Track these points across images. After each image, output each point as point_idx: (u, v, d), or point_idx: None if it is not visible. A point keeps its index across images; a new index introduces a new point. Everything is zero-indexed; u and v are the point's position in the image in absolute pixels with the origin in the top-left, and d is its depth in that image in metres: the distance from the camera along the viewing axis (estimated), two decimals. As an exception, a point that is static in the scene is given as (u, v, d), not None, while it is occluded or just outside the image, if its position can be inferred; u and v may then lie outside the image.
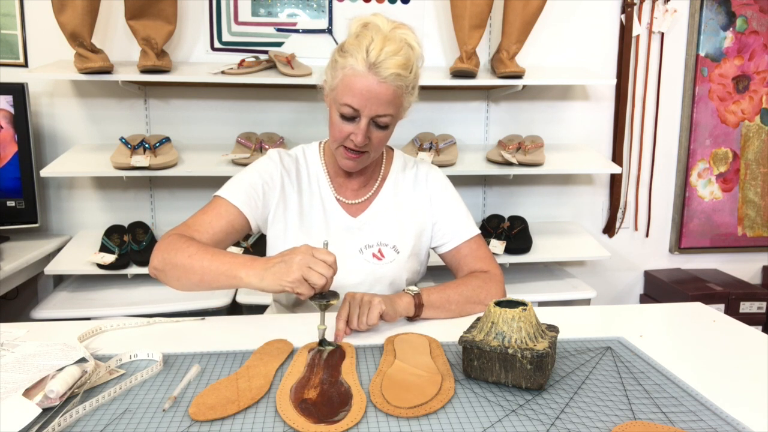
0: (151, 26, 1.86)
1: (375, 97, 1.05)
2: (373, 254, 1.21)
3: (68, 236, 2.08)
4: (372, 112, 1.06)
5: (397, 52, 1.04)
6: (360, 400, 0.77)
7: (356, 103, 1.05)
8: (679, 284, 2.30)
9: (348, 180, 1.25)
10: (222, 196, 1.15)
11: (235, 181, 1.18)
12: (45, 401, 0.75)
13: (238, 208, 1.13)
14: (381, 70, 1.03)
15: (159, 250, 1.04)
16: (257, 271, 0.93)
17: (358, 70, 1.04)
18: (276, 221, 1.20)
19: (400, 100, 1.09)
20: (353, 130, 1.08)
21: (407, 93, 1.11)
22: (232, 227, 1.13)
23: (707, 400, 0.78)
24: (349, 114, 1.07)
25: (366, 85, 1.04)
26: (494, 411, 0.76)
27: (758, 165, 2.47)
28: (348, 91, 1.06)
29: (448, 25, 2.11)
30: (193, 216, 1.14)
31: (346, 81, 1.06)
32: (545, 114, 2.33)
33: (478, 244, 1.26)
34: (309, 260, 0.90)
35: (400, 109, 1.12)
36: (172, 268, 1.01)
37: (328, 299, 0.93)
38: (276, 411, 0.75)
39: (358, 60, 1.04)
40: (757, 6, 2.35)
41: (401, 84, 1.06)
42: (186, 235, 1.07)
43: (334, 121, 1.11)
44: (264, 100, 2.16)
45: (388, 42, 1.04)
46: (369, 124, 1.08)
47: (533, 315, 0.85)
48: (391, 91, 1.05)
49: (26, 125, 1.88)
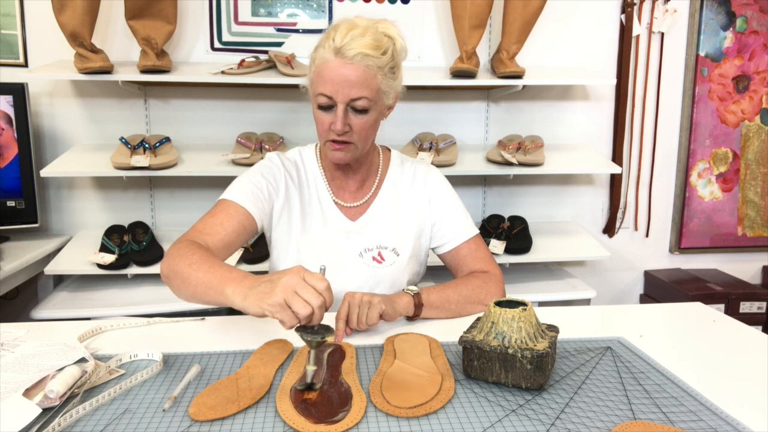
0: (151, 26, 1.86)
1: (344, 80, 1.05)
2: (372, 258, 1.21)
3: (68, 236, 2.08)
4: (345, 96, 1.06)
5: (363, 34, 1.05)
6: (360, 400, 0.77)
7: (328, 89, 1.06)
8: (679, 284, 2.30)
9: (345, 181, 1.24)
10: (228, 198, 1.13)
11: (239, 184, 1.17)
12: (45, 401, 0.75)
13: (245, 208, 1.12)
14: (347, 51, 1.04)
15: (167, 256, 1.01)
16: (243, 289, 0.84)
17: (326, 58, 1.06)
18: (280, 223, 1.20)
19: (373, 81, 1.08)
20: (332, 119, 1.09)
21: (383, 75, 1.09)
22: (243, 227, 1.11)
23: (707, 400, 0.78)
24: (325, 103, 1.08)
25: (334, 70, 1.05)
26: (494, 411, 0.76)
27: (758, 165, 2.47)
28: (320, 80, 1.07)
29: (448, 25, 2.11)
30: (201, 220, 1.10)
31: (317, 71, 1.08)
32: (545, 114, 2.33)
33: (478, 244, 1.26)
34: (296, 284, 0.79)
35: (378, 92, 1.10)
36: (174, 276, 0.97)
37: (321, 336, 0.77)
38: (276, 411, 0.75)
39: (326, 48, 1.06)
40: (757, 6, 2.35)
41: (371, 64, 1.06)
42: (197, 240, 1.03)
43: (316, 116, 1.12)
44: (264, 100, 2.16)
45: (355, 28, 1.06)
46: (346, 110, 1.08)
47: (533, 315, 0.85)
48: (360, 71, 1.05)
49: (26, 125, 1.88)
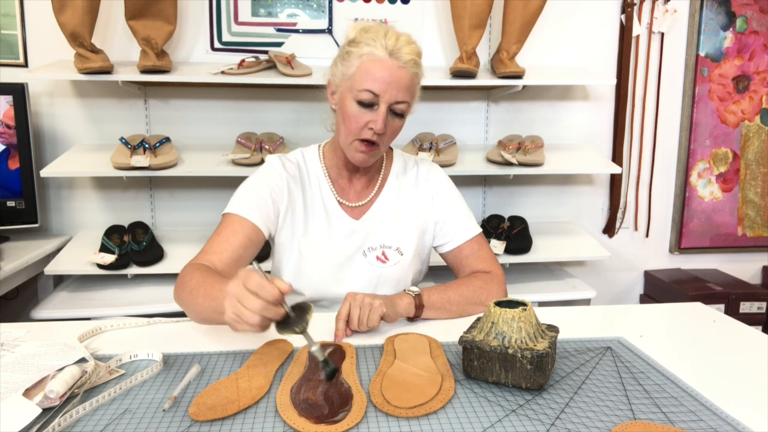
0: (151, 26, 1.86)
1: (396, 82, 1.06)
2: (376, 257, 1.21)
3: (68, 236, 2.08)
4: (392, 97, 1.07)
5: (411, 42, 1.09)
6: (360, 400, 0.77)
7: (377, 87, 1.06)
8: (679, 284, 2.30)
9: (350, 182, 1.24)
10: (232, 212, 1.12)
11: (241, 195, 1.15)
12: (45, 401, 0.75)
13: (250, 221, 1.11)
14: (401, 55, 1.06)
15: (175, 286, 1.03)
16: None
17: (378, 56, 1.06)
18: (284, 227, 1.19)
19: (415, 89, 1.12)
20: (372, 118, 1.08)
21: (418, 84, 1.13)
22: (250, 241, 1.10)
23: (707, 400, 0.78)
24: (369, 100, 1.07)
25: (387, 70, 1.06)
26: (494, 411, 0.76)
27: (758, 165, 2.47)
28: (368, 77, 1.06)
29: (448, 25, 2.11)
30: (208, 240, 1.11)
31: (365, 67, 1.06)
32: (545, 114, 2.33)
33: (480, 243, 1.26)
34: (238, 294, 0.77)
35: (413, 99, 1.13)
36: (182, 304, 1.01)
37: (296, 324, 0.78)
38: (276, 411, 0.75)
39: (377, 47, 1.06)
40: (757, 6, 2.35)
41: (417, 72, 1.10)
42: (203, 262, 1.04)
43: (350, 112, 1.09)
44: (264, 100, 2.16)
45: (402, 36, 1.08)
46: (387, 111, 1.09)
47: (533, 315, 0.85)
48: (409, 77, 1.08)
49: (26, 125, 1.88)
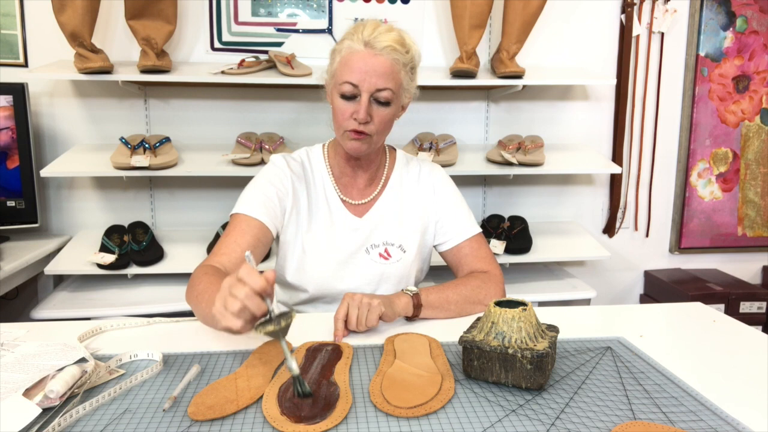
0: (151, 26, 1.86)
1: (372, 70, 1.08)
2: (379, 254, 1.22)
3: (68, 236, 2.08)
4: (371, 85, 1.09)
5: (390, 30, 1.11)
6: (345, 401, 0.76)
7: (354, 78, 1.08)
8: (679, 284, 2.30)
9: (353, 180, 1.25)
10: (239, 212, 1.13)
11: (248, 195, 1.17)
12: (45, 401, 0.75)
13: (259, 220, 1.12)
14: (376, 43, 1.08)
15: (186, 287, 1.04)
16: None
17: (355, 49, 1.09)
18: (289, 225, 1.21)
19: (397, 75, 1.12)
20: (355, 108, 1.10)
21: (405, 72, 1.14)
22: (259, 240, 1.11)
23: (707, 400, 0.78)
24: (350, 92, 1.10)
25: (362, 59, 1.08)
26: (494, 411, 0.76)
27: (758, 165, 2.47)
28: (346, 69, 1.09)
29: (448, 25, 2.11)
30: (218, 242, 1.12)
31: (344, 61, 1.10)
32: (545, 114, 2.32)
33: (479, 243, 1.26)
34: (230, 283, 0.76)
35: (400, 87, 1.13)
36: (190, 305, 1.02)
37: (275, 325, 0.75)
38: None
39: (354, 40, 1.09)
40: (757, 6, 2.35)
41: (397, 58, 1.10)
42: (213, 264, 1.05)
43: (337, 106, 1.13)
44: (264, 100, 2.16)
45: (381, 25, 1.11)
46: (370, 100, 1.10)
47: (533, 315, 0.85)
48: (387, 63, 1.09)
49: (26, 125, 1.88)
